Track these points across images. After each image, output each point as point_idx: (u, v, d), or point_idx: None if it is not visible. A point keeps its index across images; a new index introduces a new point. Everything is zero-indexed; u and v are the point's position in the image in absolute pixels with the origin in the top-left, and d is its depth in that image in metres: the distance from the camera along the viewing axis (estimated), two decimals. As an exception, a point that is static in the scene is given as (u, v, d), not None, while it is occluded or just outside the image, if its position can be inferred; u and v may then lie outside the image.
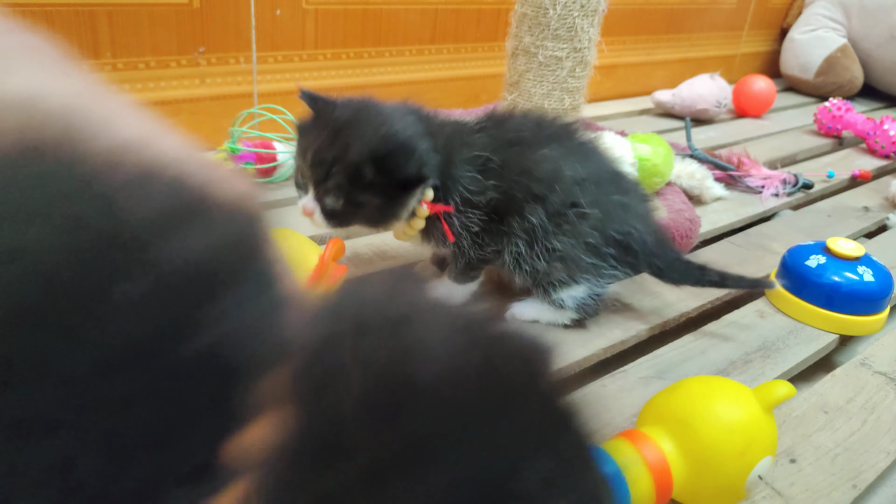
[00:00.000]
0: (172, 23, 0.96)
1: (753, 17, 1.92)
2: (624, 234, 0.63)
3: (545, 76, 0.98)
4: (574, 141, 0.66)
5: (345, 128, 0.58)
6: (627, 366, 0.64)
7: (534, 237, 0.63)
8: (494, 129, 0.64)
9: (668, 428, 0.45)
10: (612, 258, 0.64)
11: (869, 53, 1.81)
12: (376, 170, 0.57)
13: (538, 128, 0.65)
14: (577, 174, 0.62)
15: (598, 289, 0.65)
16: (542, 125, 0.65)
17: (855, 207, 1.09)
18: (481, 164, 0.62)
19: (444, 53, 1.30)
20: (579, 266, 0.63)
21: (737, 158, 1.14)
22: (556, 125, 0.66)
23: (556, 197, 0.62)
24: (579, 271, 0.63)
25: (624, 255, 0.64)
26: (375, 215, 0.60)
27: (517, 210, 0.62)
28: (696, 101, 1.45)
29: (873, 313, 0.73)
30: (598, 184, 0.63)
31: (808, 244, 0.76)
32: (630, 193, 0.66)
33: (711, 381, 0.48)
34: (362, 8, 1.15)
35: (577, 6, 0.93)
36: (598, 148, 0.67)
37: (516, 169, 0.62)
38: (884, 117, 1.37)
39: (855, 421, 0.59)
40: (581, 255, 0.63)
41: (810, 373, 0.70)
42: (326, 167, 0.57)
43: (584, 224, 0.62)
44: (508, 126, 0.65)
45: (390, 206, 0.60)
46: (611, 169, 0.67)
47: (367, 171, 0.57)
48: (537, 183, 0.62)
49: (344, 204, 0.58)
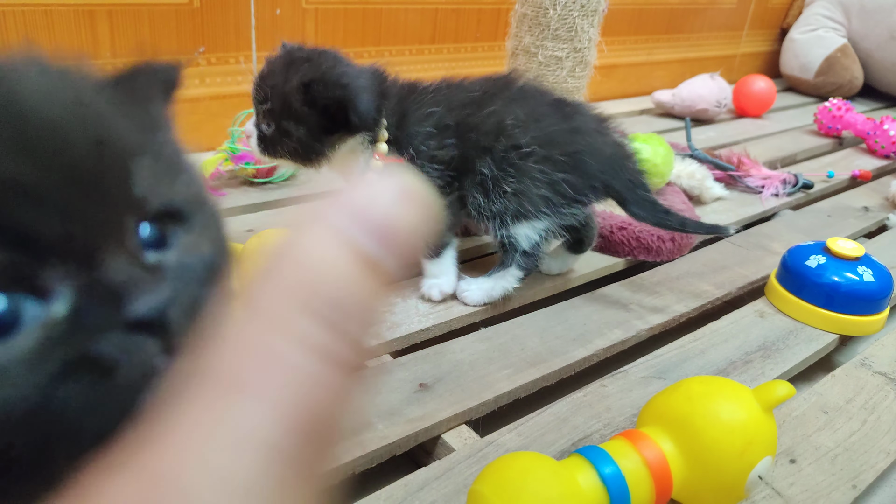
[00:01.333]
0: (172, 23, 0.96)
1: (753, 17, 1.92)
2: (570, 153, 0.65)
3: (545, 76, 0.98)
4: (514, 89, 0.68)
5: (295, 62, 0.62)
6: (627, 366, 0.64)
7: (487, 187, 0.65)
8: (448, 91, 0.67)
9: (668, 428, 0.45)
10: (565, 184, 0.65)
11: (869, 53, 1.81)
12: (303, 98, 0.61)
13: (486, 87, 0.68)
14: (518, 118, 0.65)
15: (552, 225, 0.67)
16: (489, 83, 0.68)
17: (855, 207, 1.09)
18: (436, 121, 0.65)
19: (444, 53, 1.30)
20: (531, 200, 0.65)
21: (737, 158, 1.14)
22: (500, 80, 0.69)
23: (500, 145, 0.64)
24: (531, 205, 0.65)
25: (578, 177, 0.65)
26: (299, 149, 0.64)
27: (471, 166, 0.65)
28: (696, 101, 1.45)
29: (873, 313, 0.72)
30: (538, 119, 0.65)
31: (808, 244, 0.76)
32: (576, 117, 0.67)
33: (711, 381, 0.48)
34: (362, 7, 1.15)
35: (577, 6, 0.93)
36: (537, 86, 0.71)
37: (466, 127, 0.65)
38: (884, 117, 1.37)
39: (855, 421, 0.58)
40: (531, 188, 0.65)
41: (810, 373, 0.70)
42: (266, 92, 0.62)
43: (528, 160, 0.64)
44: (461, 88, 0.68)
45: (314, 142, 0.63)
46: (550, 100, 0.68)
47: (295, 98, 0.61)
48: (484, 136, 0.65)
49: (274, 131, 0.63)
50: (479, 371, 0.60)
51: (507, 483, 0.40)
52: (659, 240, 0.83)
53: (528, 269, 0.69)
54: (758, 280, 0.82)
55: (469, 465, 0.50)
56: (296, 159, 0.65)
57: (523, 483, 0.39)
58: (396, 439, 0.51)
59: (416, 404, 0.55)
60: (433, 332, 0.67)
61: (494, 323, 0.68)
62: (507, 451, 0.51)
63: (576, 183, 0.65)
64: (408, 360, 0.61)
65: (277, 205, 0.90)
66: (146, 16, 0.93)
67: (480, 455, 0.51)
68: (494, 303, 0.70)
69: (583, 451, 0.44)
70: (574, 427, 0.55)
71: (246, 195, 0.90)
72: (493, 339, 0.65)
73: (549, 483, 0.40)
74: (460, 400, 0.56)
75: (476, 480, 0.41)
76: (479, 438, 0.53)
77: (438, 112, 0.65)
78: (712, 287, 0.79)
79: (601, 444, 0.45)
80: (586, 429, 0.55)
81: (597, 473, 0.42)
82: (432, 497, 0.47)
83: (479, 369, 0.60)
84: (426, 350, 0.63)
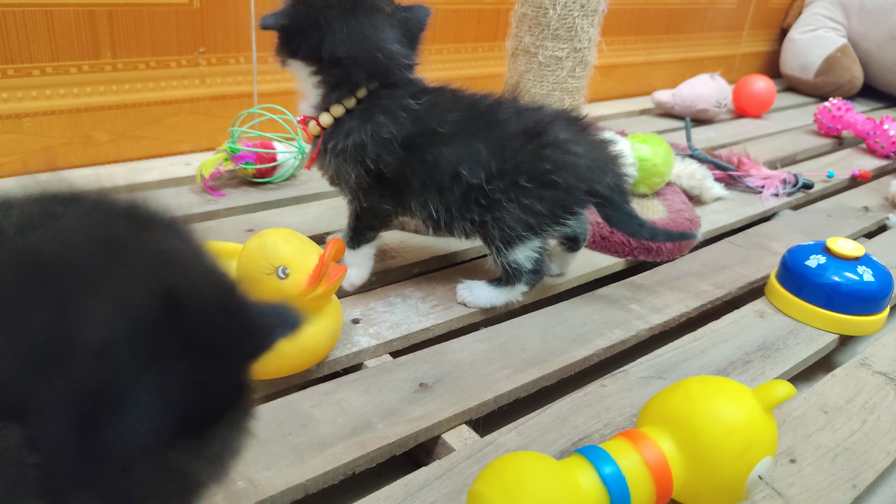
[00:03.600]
0: (172, 23, 0.96)
1: (753, 17, 1.92)
2: (536, 176, 0.63)
3: (545, 76, 0.98)
4: (487, 120, 0.65)
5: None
6: (627, 366, 0.64)
7: (454, 219, 0.65)
8: (426, 108, 0.65)
9: (668, 428, 0.45)
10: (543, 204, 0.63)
11: (869, 53, 1.81)
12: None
13: (459, 113, 0.65)
14: (477, 157, 0.63)
15: (549, 239, 0.67)
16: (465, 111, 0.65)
17: (855, 207, 1.09)
18: (395, 131, 0.63)
19: (443, 53, 1.30)
20: (512, 227, 0.64)
21: (737, 158, 1.14)
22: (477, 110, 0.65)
23: (457, 186, 0.63)
24: (515, 230, 0.64)
25: (556, 194, 0.64)
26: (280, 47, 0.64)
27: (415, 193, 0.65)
28: (696, 101, 1.45)
29: (873, 313, 0.72)
30: (503, 148, 0.63)
31: (808, 244, 0.76)
32: (547, 132, 0.64)
33: (711, 381, 0.48)
34: (362, 8, 1.15)
35: (577, 6, 0.93)
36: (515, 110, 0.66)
37: (421, 160, 0.64)
38: (884, 117, 1.37)
39: (855, 421, 0.58)
40: (505, 217, 0.64)
41: (810, 373, 0.70)
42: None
43: (495, 194, 0.63)
44: (437, 106, 0.65)
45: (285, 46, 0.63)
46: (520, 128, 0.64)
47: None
48: (439, 175, 0.64)
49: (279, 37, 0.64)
50: (479, 371, 0.60)
51: (507, 483, 0.40)
52: (659, 240, 0.83)
53: (533, 284, 0.69)
54: (758, 280, 0.82)
55: (469, 465, 0.50)
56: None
57: (523, 483, 0.39)
58: (396, 439, 0.51)
59: (416, 404, 0.55)
60: (433, 332, 0.67)
61: (494, 323, 0.69)
62: (507, 451, 0.51)
63: (555, 199, 0.64)
64: (408, 360, 0.61)
65: (277, 205, 0.90)
66: (146, 16, 0.93)
67: (480, 455, 0.51)
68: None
69: (583, 450, 0.44)
70: (574, 427, 0.55)
71: (246, 195, 0.90)
72: (493, 339, 0.65)
73: (549, 483, 0.40)
74: (460, 400, 0.56)
75: (476, 480, 0.41)
76: (479, 438, 0.53)
77: (403, 122, 0.63)
78: (712, 287, 0.79)
79: (601, 444, 0.45)
80: (586, 429, 0.55)
81: (597, 473, 0.42)
82: (432, 497, 0.47)
83: (479, 369, 0.60)
84: (426, 350, 0.63)
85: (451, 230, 0.67)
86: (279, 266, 0.53)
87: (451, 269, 0.78)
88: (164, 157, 1.02)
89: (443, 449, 0.53)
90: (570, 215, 0.65)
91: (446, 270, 0.78)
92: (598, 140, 0.68)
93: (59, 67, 0.90)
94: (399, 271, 0.77)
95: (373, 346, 0.62)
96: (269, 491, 0.45)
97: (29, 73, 0.88)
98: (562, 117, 0.67)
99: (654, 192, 0.96)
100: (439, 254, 0.80)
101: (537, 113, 0.66)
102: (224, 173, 0.94)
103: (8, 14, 0.84)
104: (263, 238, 0.54)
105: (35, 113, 0.90)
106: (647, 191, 0.94)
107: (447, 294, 0.71)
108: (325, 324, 0.56)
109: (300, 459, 0.48)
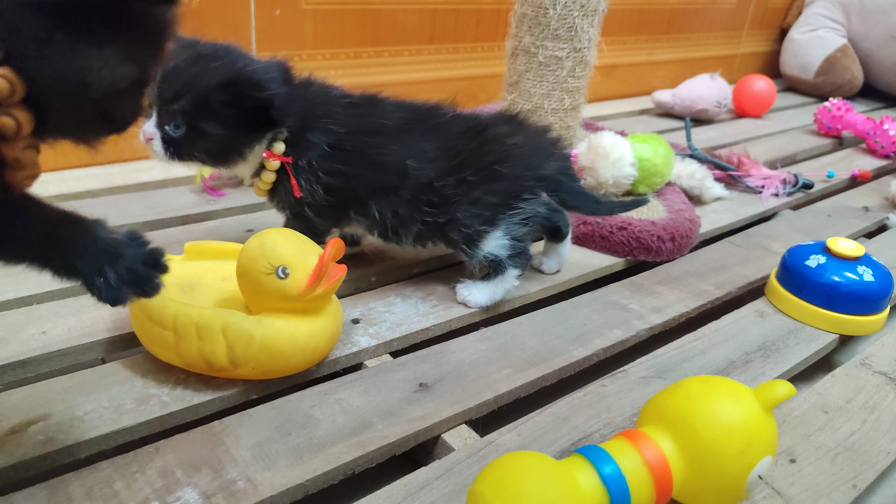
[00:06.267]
0: (172, 23, 0.96)
1: (753, 17, 1.92)
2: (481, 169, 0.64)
3: (545, 76, 0.98)
4: (427, 122, 0.66)
5: (203, 58, 0.59)
6: (627, 366, 0.64)
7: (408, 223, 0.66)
8: (359, 110, 0.65)
9: (668, 428, 0.45)
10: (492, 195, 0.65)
11: (869, 53, 1.81)
12: (225, 99, 0.58)
13: (403, 116, 0.66)
14: (425, 155, 0.64)
15: (513, 224, 0.67)
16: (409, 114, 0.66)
17: (855, 207, 1.09)
18: (334, 140, 0.63)
19: (442, 53, 1.30)
20: (467, 223, 0.65)
21: (737, 158, 1.14)
22: (420, 112, 0.67)
23: (405, 187, 0.64)
24: (472, 225, 0.65)
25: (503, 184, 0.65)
26: (218, 148, 0.61)
27: (366, 201, 0.65)
28: (696, 101, 1.45)
29: (873, 313, 0.72)
30: (449, 148, 0.65)
31: (808, 244, 0.76)
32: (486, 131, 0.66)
33: (711, 381, 0.48)
34: (361, 8, 1.15)
35: (577, 6, 0.93)
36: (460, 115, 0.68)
37: (367, 161, 0.63)
38: (884, 117, 1.37)
39: (855, 421, 0.58)
40: (458, 213, 0.65)
41: (810, 373, 0.70)
42: (175, 90, 0.58)
43: (445, 191, 0.64)
44: (374, 111, 0.65)
45: (235, 142, 0.61)
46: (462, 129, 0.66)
47: (215, 98, 0.58)
48: (386, 175, 0.64)
49: (186, 132, 0.60)
50: (479, 371, 0.60)
51: (507, 483, 0.40)
52: (659, 240, 0.83)
53: (522, 266, 0.69)
54: (758, 280, 0.82)
55: (469, 464, 0.50)
56: (212, 160, 0.63)
57: (523, 483, 0.39)
58: (396, 439, 0.51)
59: (416, 404, 0.55)
60: (433, 332, 0.67)
61: (494, 323, 0.68)
62: (507, 450, 0.51)
63: (504, 190, 0.65)
64: (408, 360, 0.61)
65: (277, 205, 0.90)
66: (146, 16, 0.93)
67: (480, 455, 0.51)
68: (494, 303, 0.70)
69: (583, 450, 0.44)
70: (574, 427, 0.55)
71: (246, 195, 0.90)
72: (493, 339, 0.65)
73: (549, 483, 0.40)
74: (460, 400, 0.56)
75: (476, 480, 0.41)
76: (479, 438, 0.53)
77: (339, 132, 0.63)
78: (712, 287, 0.79)
79: (601, 444, 0.45)
80: (586, 429, 0.55)
81: (597, 473, 0.42)
82: (432, 497, 0.47)
83: (479, 369, 0.60)
84: (426, 350, 0.63)
85: (398, 235, 0.67)
86: (279, 266, 0.53)
87: (450, 268, 0.78)
88: (163, 157, 1.01)
89: (443, 449, 0.53)
90: (521, 202, 0.66)
91: (446, 270, 0.78)
92: (536, 129, 0.70)
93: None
94: (399, 271, 0.77)
95: (373, 346, 0.62)
96: (269, 491, 0.45)
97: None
98: (499, 116, 0.70)
99: (655, 192, 0.96)
100: (439, 254, 0.80)
101: (476, 117, 0.69)
102: (224, 173, 0.94)
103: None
104: (263, 238, 0.54)
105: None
106: (647, 191, 0.94)
107: (447, 294, 0.71)
108: (325, 324, 0.56)
109: (300, 459, 0.48)
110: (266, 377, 0.55)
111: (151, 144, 0.61)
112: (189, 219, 0.84)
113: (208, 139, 0.60)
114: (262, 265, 0.53)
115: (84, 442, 0.48)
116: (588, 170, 0.91)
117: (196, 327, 0.52)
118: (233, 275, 0.62)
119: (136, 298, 0.39)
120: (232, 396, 0.54)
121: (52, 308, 0.63)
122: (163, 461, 0.47)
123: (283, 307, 0.54)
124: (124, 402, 0.52)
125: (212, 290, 0.62)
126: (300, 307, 0.54)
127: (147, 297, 0.39)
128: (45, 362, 0.57)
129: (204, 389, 0.54)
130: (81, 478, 0.45)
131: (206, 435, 0.50)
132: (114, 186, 0.90)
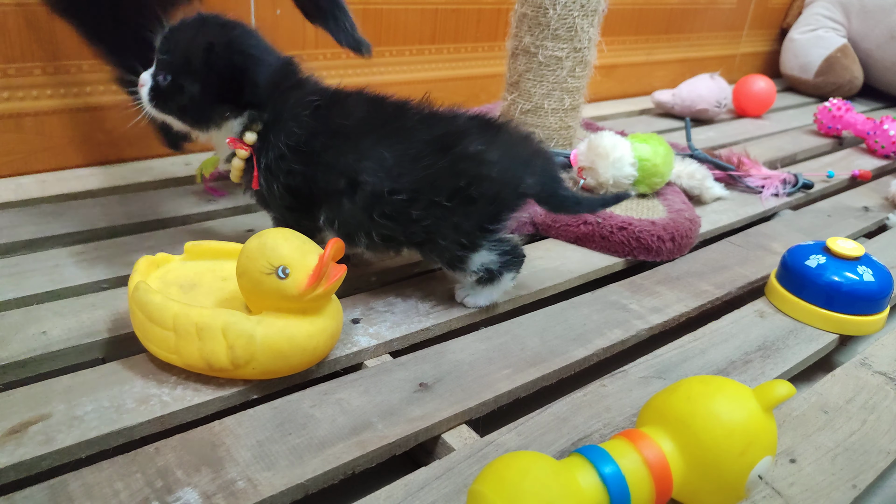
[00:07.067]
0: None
1: (753, 17, 1.92)
2: (455, 192, 0.61)
3: (545, 76, 0.98)
4: (391, 125, 0.63)
5: (208, 23, 0.63)
6: (627, 366, 0.64)
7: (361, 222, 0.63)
8: (326, 110, 0.63)
9: (668, 428, 0.45)
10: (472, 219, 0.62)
11: (869, 53, 1.81)
12: (205, 57, 0.61)
13: (363, 117, 0.63)
14: (382, 164, 0.61)
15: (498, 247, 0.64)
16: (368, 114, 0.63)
17: (855, 207, 1.09)
18: (294, 141, 0.63)
19: (443, 53, 1.30)
20: (446, 248, 0.63)
21: (737, 158, 1.14)
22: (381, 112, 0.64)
23: (359, 199, 0.61)
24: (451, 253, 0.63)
25: (482, 206, 0.62)
26: (191, 107, 0.63)
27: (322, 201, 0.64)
28: (696, 101, 1.45)
29: (873, 313, 0.72)
30: (415, 160, 0.61)
31: (808, 244, 0.76)
32: (459, 144, 0.61)
33: (711, 381, 0.48)
34: (362, 7, 1.15)
35: (577, 6, 0.93)
36: (428, 119, 0.63)
37: (322, 163, 0.62)
38: (884, 117, 1.37)
39: (855, 421, 0.58)
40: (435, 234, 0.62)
41: (810, 373, 0.70)
42: (171, 44, 0.62)
43: (410, 208, 0.61)
44: (339, 110, 0.63)
45: (206, 106, 0.63)
46: (429, 137, 0.62)
47: (196, 55, 0.61)
48: (336, 179, 0.62)
49: (170, 84, 0.62)
50: (479, 371, 0.60)
51: (507, 483, 0.40)
52: (659, 240, 0.83)
53: (517, 267, 0.68)
54: (758, 280, 0.82)
55: (469, 464, 0.50)
56: (183, 118, 0.64)
57: (523, 483, 0.39)
58: (396, 439, 0.51)
59: (416, 404, 0.55)
60: (433, 332, 0.67)
61: (494, 323, 0.69)
62: (507, 450, 0.51)
63: (480, 213, 0.62)
64: (408, 360, 0.61)
65: (277, 205, 0.90)
66: (146, 16, 0.93)
67: (480, 455, 0.51)
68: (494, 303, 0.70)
69: (583, 450, 0.44)
70: (574, 427, 0.55)
71: (246, 195, 0.90)
72: (493, 339, 0.65)
73: (549, 483, 0.40)
74: (460, 400, 0.56)
75: (476, 480, 0.41)
76: (479, 438, 0.53)
77: (299, 134, 0.62)
78: (712, 287, 0.79)
79: (601, 444, 0.45)
80: (586, 429, 0.55)
81: (597, 473, 0.42)
82: (432, 497, 0.47)
83: (479, 369, 0.60)
84: (426, 350, 0.63)
85: (354, 242, 0.65)
86: (279, 266, 0.53)
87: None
88: (164, 157, 1.02)
89: (443, 449, 0.53)
90: (502, 223, 0.64)
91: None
92: (514, 139, 0.64)
93: (59, 67, 0.90)
94: (399, 271, 0.77)
95: (373, 345, 0.62)
96: (268, 491, 0.45)
97: (30, 72, 0.88)
98: (474, 125, 0.63)
99: (654, 192, 0.96)
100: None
101: (446, 122, 0.63)
102: (224, 173, 0.94)
103: (9, 13, 0.84)
104: (263, 238, 0.54)
105: (35, 113, 0.90)
106: (647, 191, 0.94)
107: (447, 294, 0.71)
108: (325, 324, 0.56)
109: (300, 459, 0.48)
110: (266, 377, 0.55)
111: (141, 90, 0.64)
112: (189, 219, 0.84)
113: (184, 96, 0.62)
114: (262, 265, 0.53)
115: (84, 442, 0.48)
116: (588, 170, 0.91)
117: (196, 327, 0.52)
118: (233, 275, 0.62)
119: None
120: (232, 396, 0.54)
121: (52, 308, 0.63)
122: (163, 461, 0.47)
123: (283, 307, 0.54)
124: (124, 402, 0.52)
125: (212, 290, 0.62)
126: (300, 307, 0.54)
127: None
128: (45, 362, 0.57)
129: (204, 389, 0.54)
130: (81, 478, 0.45)
131: (206, 435, 0.50)
132: (114, 186, 0.90)
